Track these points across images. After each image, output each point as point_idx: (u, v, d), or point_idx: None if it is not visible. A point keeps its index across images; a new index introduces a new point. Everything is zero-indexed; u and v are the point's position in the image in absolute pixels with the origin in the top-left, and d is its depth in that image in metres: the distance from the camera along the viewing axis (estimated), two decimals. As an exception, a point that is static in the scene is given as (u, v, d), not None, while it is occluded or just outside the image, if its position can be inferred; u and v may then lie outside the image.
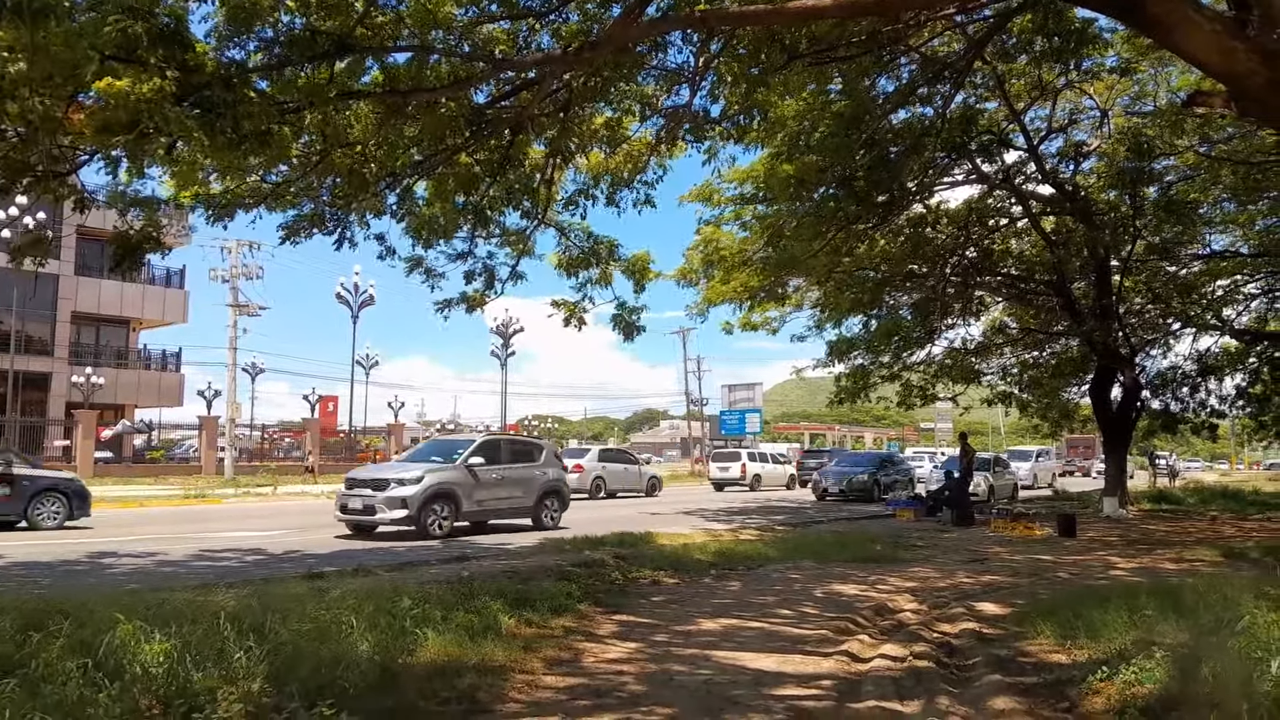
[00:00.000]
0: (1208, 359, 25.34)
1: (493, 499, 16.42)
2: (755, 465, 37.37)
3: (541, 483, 17.31)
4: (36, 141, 8.23)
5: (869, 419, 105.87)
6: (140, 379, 44.91)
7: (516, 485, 16.82)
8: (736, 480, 36.23)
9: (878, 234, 19.64)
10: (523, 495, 16.91)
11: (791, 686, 5.69)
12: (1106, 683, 5.32)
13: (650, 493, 32.05)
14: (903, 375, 25.25)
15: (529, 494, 17.01)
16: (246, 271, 41.38)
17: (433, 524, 15.06)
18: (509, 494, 16.67)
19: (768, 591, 9.56)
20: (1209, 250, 23.08)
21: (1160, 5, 6.27)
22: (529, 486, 17.06)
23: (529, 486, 17.06)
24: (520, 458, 17.32)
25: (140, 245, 10.58)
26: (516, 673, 5.71)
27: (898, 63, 14.43)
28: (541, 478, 17.36)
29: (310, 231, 11.98)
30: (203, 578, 9.38)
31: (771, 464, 38.96)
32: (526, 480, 17.03)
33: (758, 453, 40.35)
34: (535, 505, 17.10)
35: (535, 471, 17.29)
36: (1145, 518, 21.43)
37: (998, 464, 31.21)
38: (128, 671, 4.50)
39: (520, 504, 16.87)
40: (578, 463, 29.34)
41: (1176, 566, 11.57)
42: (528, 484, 17.05)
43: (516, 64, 9.90)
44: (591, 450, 33.08)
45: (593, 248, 13.94)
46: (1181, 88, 16.68)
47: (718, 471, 37.46)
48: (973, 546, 14.61)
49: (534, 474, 17.23)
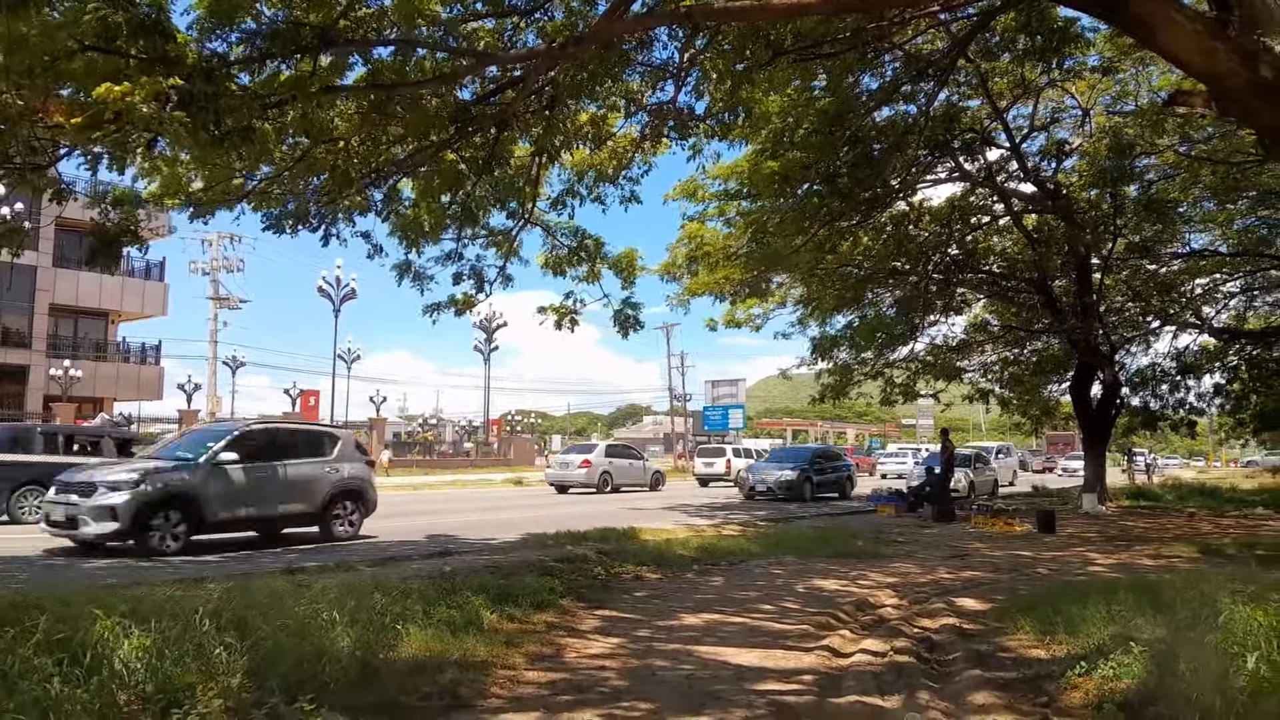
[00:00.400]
0: (1186, 357, 25.57)
1: (255, 503, 13.12)
2: (740, 461, 37.20)
3: (331, 482, 14.05)
4: (15, 134, 8.16)
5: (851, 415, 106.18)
6: (119, 372, 44.55)
7: (292, 486, 13.57)
8: (721, 475, 36.66)
9: (861, 231, 19.72)
10: (303, 498, 13.71)
11: (773, 681, 5.71)
12: (1085, 678, 5.36)
13: (654, 487, 32.85)
14: (885, 372, 25.38)
15: (311, 496, 13.78)
16: (227, 264, 41.27)
17: (158, 538, 11.88)
18: (281, 497, 13.43)
19: (750, 587, 9.59)
20: (1188, 249, 23.31)
21: (1143, 5, 6.31)
22: (312, 487, 13.81)
23: (312, 487, 13.81)
24: (303, 451, 14.04)
25: (118, 239, 10.49)
26: (498, 668, 5.71)
27: (881, 60, 14.47)
28: (331, 476, 14.07)
29: (295, 227, 11.91)
30: (182, 573, 9.33)
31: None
32: (309, 480, 13.79)
33: (741, 448, 40.71)
34: (321, 510, 13.87)
35: (324, 469, 14.03)
36: (1124, 514, 21.57)
37: (978, 460, 31.39)
38: (106, 668, 4.46)
39: (299, 509, 13.68)
40: (586, 458, 30.92)
41: (1154, 563, 11.67)
42: (310, 484, 13.80)
43: (501, 59, 9.87)
44: (599, 446, 34.35)
45: (579, 245, 13.92)
46: (1163, 87, 16.81)
47: (703, 467, 38.09)
48: (953, 542, 14.69)
49: (321, 472, 13.98)
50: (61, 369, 39.25)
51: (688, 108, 11.53)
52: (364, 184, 11.50)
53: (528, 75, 10.14)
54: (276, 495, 13.40)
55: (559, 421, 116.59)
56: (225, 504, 12.66)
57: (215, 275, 40.85)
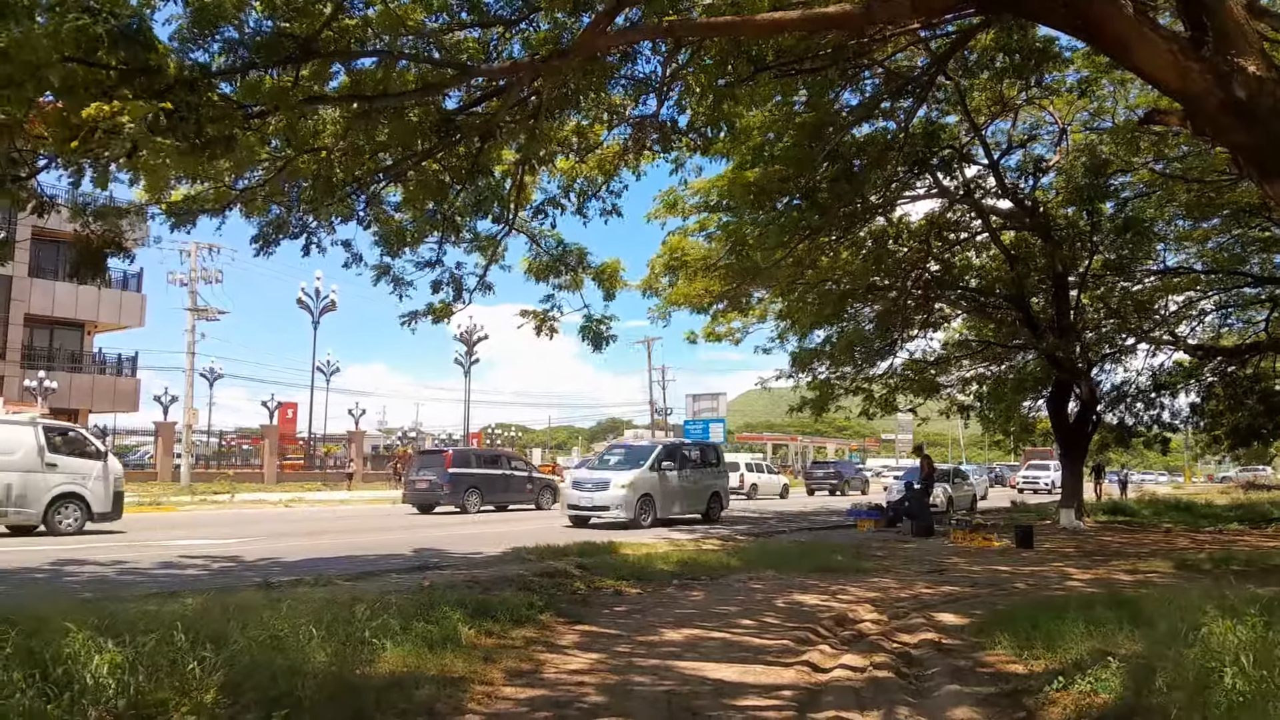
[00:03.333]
0: (1161, 374, 25.81)
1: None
2: (752, 475, 38.71)
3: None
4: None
5: (831, 429, 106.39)
6: (95, 383, 44.01)
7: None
8: (735, 490, 36.73)
9: (841, 246, 19.80)
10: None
11: (753, 697, 5.69)
12: (1063, 692, 5.38)
13: None
14: (865, 387, 25.47)
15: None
16: (206, 275, 40.94)
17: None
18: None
19: (730, 601, 9.57)
20: (1164, 267, 23.55)
21: (1120, 25, 6.39)
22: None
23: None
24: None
25: (102, 250, 10.41)
26: (476, 684, 5.66)
27: (862, 76, 14.57)
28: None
29: (277, 237, 11.85)
30: (161, 586, 9.22)
31: (766, 474, 41.03)
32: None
33: (754, 463, 42.20)
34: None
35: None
36: (1101, 530, 21.71)
37: (956, 475, 31.54)
38: (78, 682, 4.40)
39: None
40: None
41: (1132, 578, 11.73)
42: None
43: (485, 71, 9.88)
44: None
45: (562, 255, 13.92)
46: (1139, 105, 17.02)
47: None
48: (932, 557, 14.72)
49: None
50: (36, 380, 38.74)
51: (670, 121, 11.59)
52: (347, 192, 11.47)
53: (511, 86, 10.15)
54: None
55: (539, 435, 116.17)
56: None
57: (193, 286, 40.53)
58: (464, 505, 25.60)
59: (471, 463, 27.26)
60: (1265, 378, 26.07)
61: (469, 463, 27.12)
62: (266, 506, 28.06)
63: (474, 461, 27.51)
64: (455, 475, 25.76)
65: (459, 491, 25.64)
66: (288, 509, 27.68)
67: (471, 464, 27.13)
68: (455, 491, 25.56)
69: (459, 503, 25.57)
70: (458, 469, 26.07)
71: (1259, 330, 26.08)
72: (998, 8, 9.56)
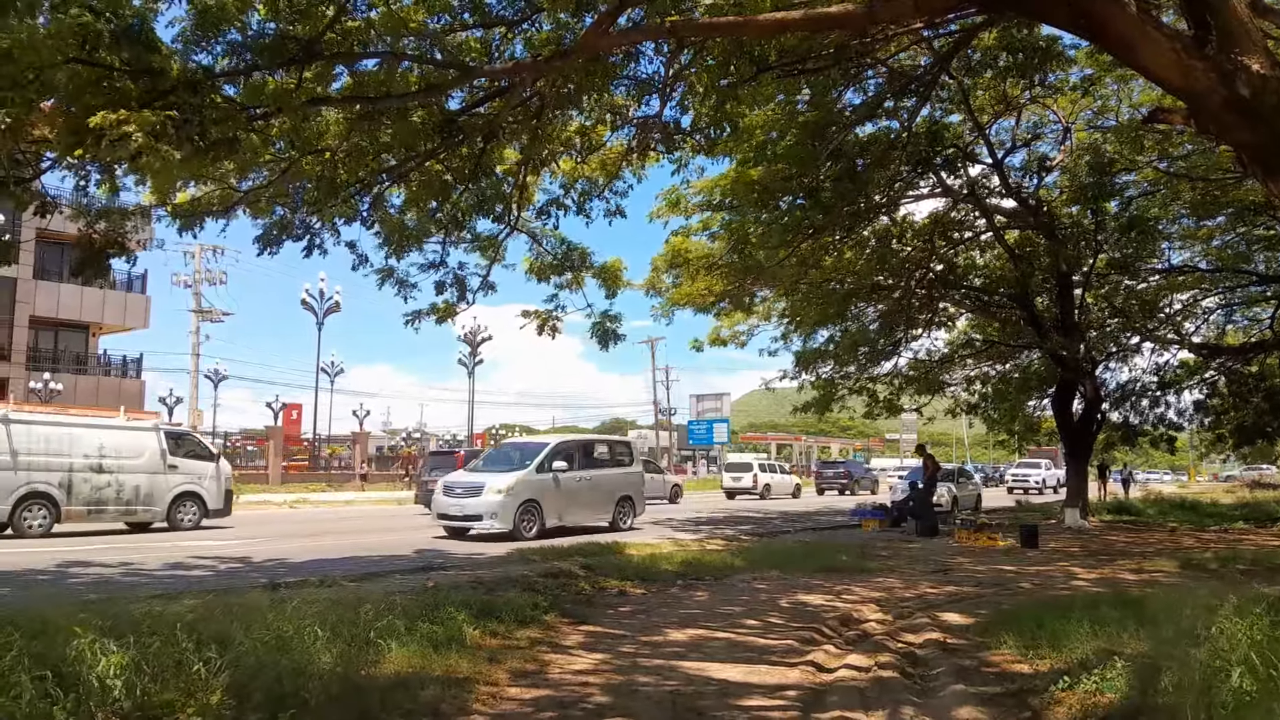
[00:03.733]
0: (1166, 372, 25.75)
1: None
2: (765, 475, 40.01)
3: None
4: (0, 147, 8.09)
5: (835, 429, 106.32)
6: (100, 385, 44.07)
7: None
8: (749, 489, 38.56)
9: (844, 246, 19.78)
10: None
11: (757, 697, 5.69)
12: (1068, 692, 5.37)
13: (673, 499, 34.10)
14: (869, 386, 25.44)
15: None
16: (210, 277, 41.07)
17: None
18: None
19: (734, 602, 9.56)
20: (1168, 265, 23.50)
21: (1123, 24, 6.37)
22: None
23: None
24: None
25: (104, 251, 10.43)
26: (481, 684, 5.66)
27: (865, 76, 14.55)
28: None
29: (281, 238, 11.87)
30: (166, 588, 9.24)
31: (779, 475, 42.26)
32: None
33: (768, 464, 43.97)
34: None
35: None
36: (1106, 529, 21.68)
37: (961, 475, 31.51)
38: (83, 684, 4.41)
39: None
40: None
41: (1137, 577, 11.71)
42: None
43: (488, 72, 9.88)
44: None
45: (566, 255, 13.92)
46: (1143, 104, 16.98)
47: (730, 480, 40.10)
48: (937, 557, 14.71)
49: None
50: (41, 382, 38.84)
51: (673, 121, 11.58)
52: (350, 193, 11.48)
53: (514, 86, 10.15)
54: None
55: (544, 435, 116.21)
56: None
57: (198, 288, 40.64)
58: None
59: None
60: (1270, 375, 26.00)
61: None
62: (271, 508, 28.10)
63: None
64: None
65: None
66: (293, 510, 27.74)
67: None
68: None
69: None
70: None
71: (1264, 328, 26.00)
72: (1000, 7, 9.55)
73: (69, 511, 17.15)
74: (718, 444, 66.67)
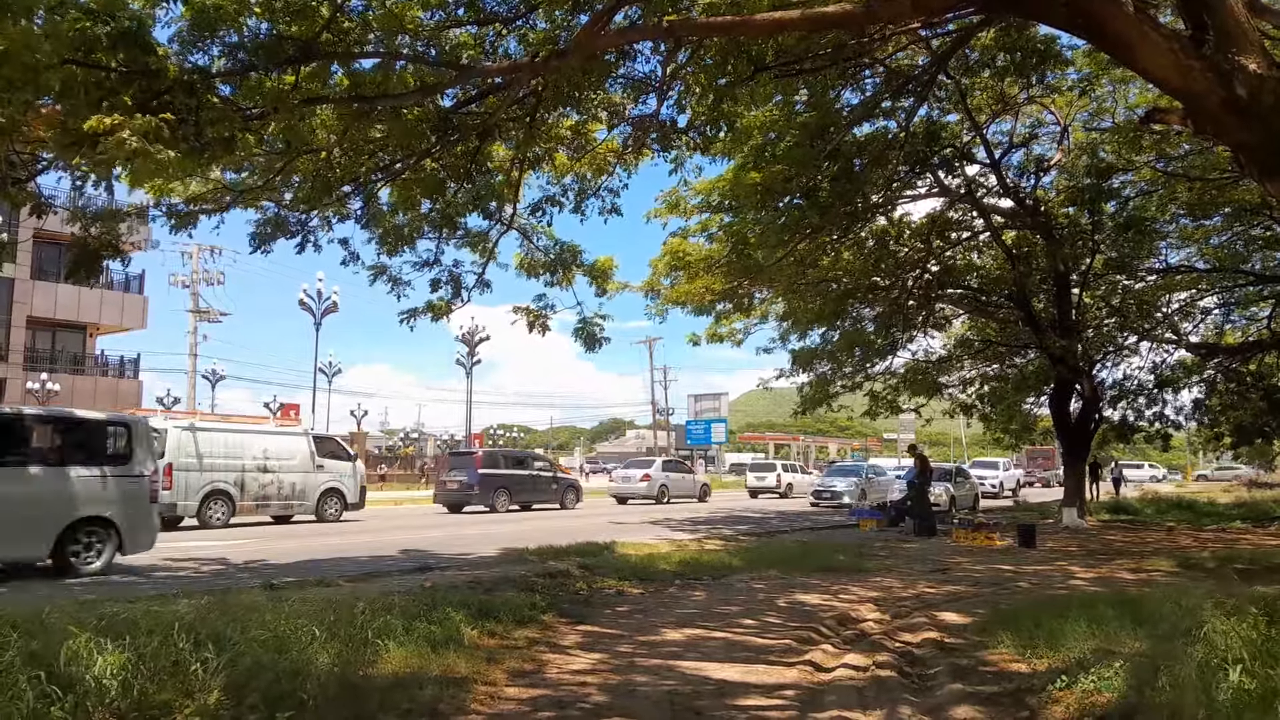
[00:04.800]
0: (1163, 371, 25.76)
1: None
2: (788, 475, 42.11)
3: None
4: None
5: (833, 429, 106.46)
6: (97, 385, 44.04)
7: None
8: (772, 488, 40.25)
9: (842, 246, 19.77)
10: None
11: (755, 696, 5.69)
12: (1066, 691, 5.37)
13: (702, 498, 35.04)
14: (865, 385, 25.44)
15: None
16: (208, 277, 41.03)
17: None
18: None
19: (732, 601, 9.56)
20: (1165, 265, 23.51)
21: (1121, 24, 6.38)
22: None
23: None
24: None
25: (99, 252, 10.42)
26: (479, 684, 5.66)
27: (862, 76, 14.55)
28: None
29: (274, 237, 11.85)
30: (162, 588, 9.23)
31: (800, 474, 44.23)
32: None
33: (789, 464, 46.93)
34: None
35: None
36: (1103, 528, 21.69)
37: (959, 474, 31.51)
38: (81, 684, 4.40)
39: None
40: (646, 472, 33.30)
41: (1134, 576, 11.72)
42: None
43: (483, 71, 9.87)
44: (656, 462, 36.54)
45: (559, 254, 13.89)
46: (1140, 104, 17.00)
47: (754, 480, 42.20)
48: (935, 556, 14.71)
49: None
50: (39, 382, 38.80)
51: (670, 120, 11.57)
52: (344, 191, 11.47)
53: (510, 84, 10.14)
54: None
55: (542, 436, 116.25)
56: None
57: (195, 288, 40.59)
58: (493, 505, 26.28)
59: (500, 464, 27.98)
60: (1268, 374, 26.02)
61: (498, 464, 27.85)
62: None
63: (502, 463, 28.25)
64: (485, 476, 26.44)
65: (488, 492, 26.33)
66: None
67: (500, 465, 27.86)
68: (485, 492, 26.23)
69: (489, 502, 26.25)
70: (487, 470, 26.79)
71: (1261, 328, 26.01)
72: (998, 6, 9.55)
73: (242, 506, 19.91)
74: (715, 444, 66.76)
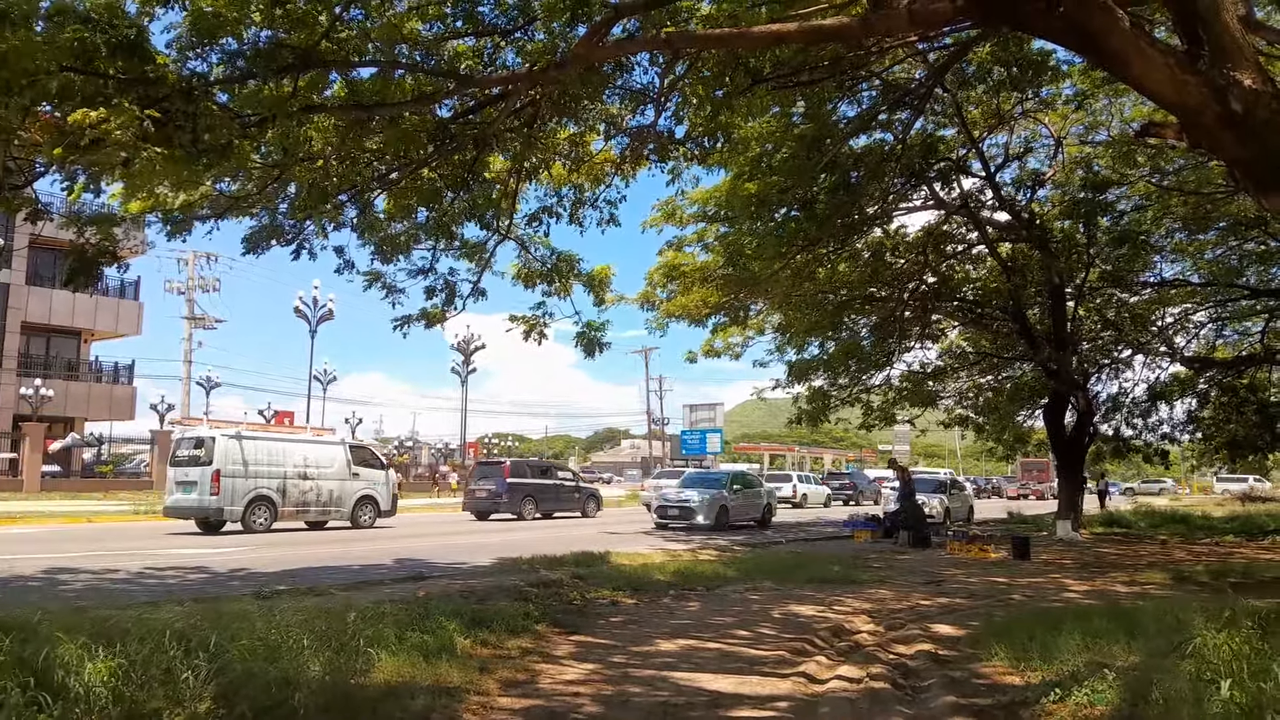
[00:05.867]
0: (1157, 385, 25.80)
1: None
2: (804, 486, 43.56)
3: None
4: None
5: (829, 440, 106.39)
6: (91, 391, 44.00)
7: None
8: (788, 498, 40.07)
9: (838, 258, 19.80)
10: None
11: (748, 708, 5.68)
12: (1059, 704, 5.37)
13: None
14: (862, 398, 25.46)
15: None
16: (203, 284, 41.01)
17: None
18: None
19: (726, 612, 9.55)
20: (1160, 279, 23.57)
21: (1117, 38, 6.41)
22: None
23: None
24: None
25: (96, 259, 10.40)
26: (471, 694, 5.64)
27: (859, 89, 14.60)
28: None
29: (269, 243, 11.85)
30: (154, 595, 9.20)
31: (814, 485, 45.64)
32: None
33: (805, 475, 49.09)
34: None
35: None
36: (1097, 541, 21.73)
37: (954, 486, 31.55)
38: (71, 691, 4.38)
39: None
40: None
41: (1128, 589, 11.73)
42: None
43: (482, 82, 9.89)
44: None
45: (555, 264, 13.89)
46: (1135, 118, 17.06)
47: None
48: (929, 568, 14.71)
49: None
50: (32, 388, 38.72)
51: (668, 131, 11.59)
52: (340, 199, 11.46)
53: (508, 94, 10.16)
54: None
55: (536, 445, 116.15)
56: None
57: (191, 294, 40.54)
58: (520, 512, 27.40)
59: (526, 473, 29.16)
60: (1261, 389, 26.07)
61: (524, 473, 29.00)
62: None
63: (528, 472, 29.44)
64: (513, 485, 27.58)
65: (516, 500, 27.46)
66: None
67: (526, 474, 29.00)
68: (513, 500, 27.39)
69: (516, 510, 27.37)
70: (515, 479, 27.91)
71: (1254, 342, 26.08)
72: (995, 20, 9.56)
73: (283, 511, 20.46)
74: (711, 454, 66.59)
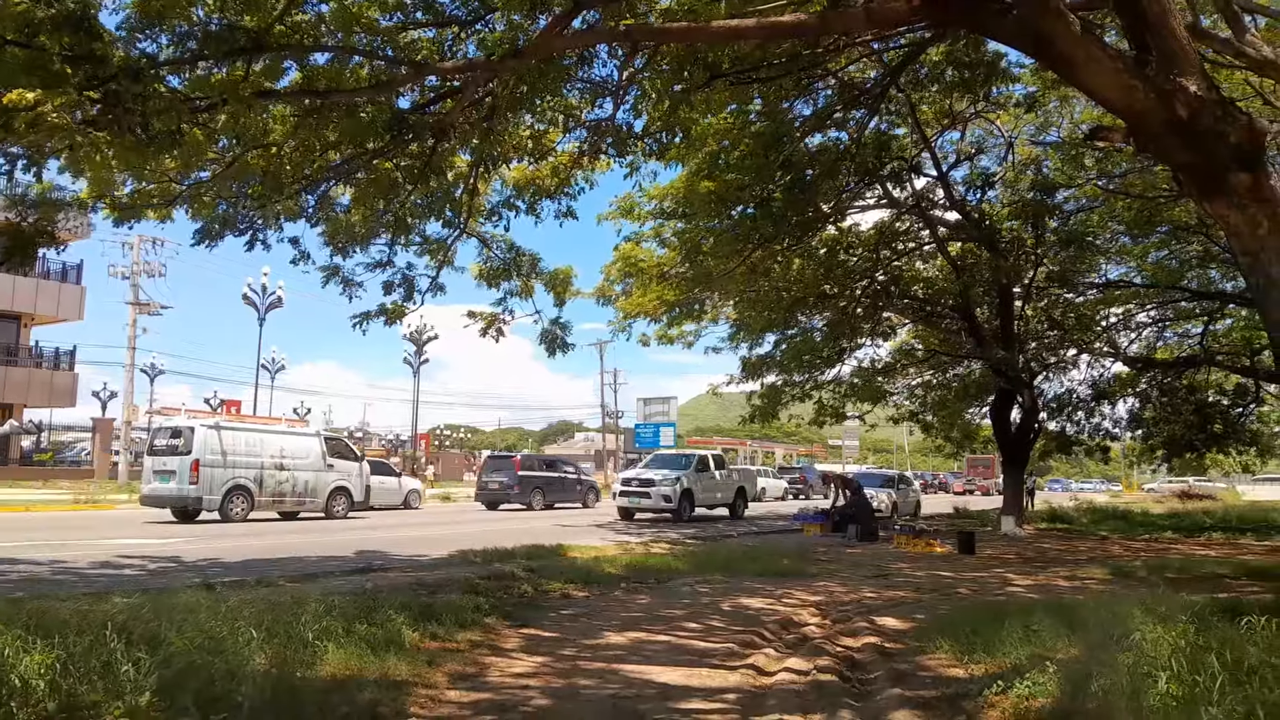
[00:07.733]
0: (1101, 384, 26.36)
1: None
2: (763, 480, 44.62)
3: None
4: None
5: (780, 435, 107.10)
6: (31, 377, 42.86)
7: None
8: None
9: (793, 255, 19.92)
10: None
11: (698, 700, 5.71)
12: (1002, 696, 5.46)
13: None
14: (814, 394, 25.66)
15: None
16: (148, 269, 40.10)
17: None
18: None
19: (676, 605, 9.58)
20: (1105, 280, 24.06)
21: (1067, 42, 6.53)
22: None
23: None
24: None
25: (34, 240, 10.15)
26: (419, 687, 5.60)
27: (815, 87, 14.69)
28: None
29: (222, 234, 11.64)
30: (97, 586, 9.00)
31: (772, 479, 48.05)
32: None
33: (763, 469, 50.54)
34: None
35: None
36: (1040, 536, 22.14)
37: (901, 481, 32.01)
38: (5, 684, 4.28)
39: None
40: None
41: (1069, 584, 11.96)
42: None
43: (439, 69, 9.79)
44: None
45: (514, 260, 13.82)
46: (1085, 120, 17.38)
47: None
48: (876, 562, 14.87)
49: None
50: (-32, 373, 37.66)
51: (626, 125, 11.58)
52: (296, 190, 11.29)
53: (466, 86, 10.08)
54: None
55: (489, 437, 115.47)
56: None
57: (135, 280, 39.63)
58: (529, 503, 29.56)
59: (535, 467, 31.73)
60: (1200, 389, 26.75)
61: (533, 467, 31.61)
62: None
63: (536, 465, 32.11)
64: (524, 478, 29.92)
65: (526, 491, 29.69)
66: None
67: (535, 468, 31.49)
68: (524, 491, 29.62)
69: (526, 500, 29.53)
70: (525, 472, 30.34)
71: (1194, 344, 26.73)
72: (950, 21, 9.71)
73: (260, 501, 20.98)
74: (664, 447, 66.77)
